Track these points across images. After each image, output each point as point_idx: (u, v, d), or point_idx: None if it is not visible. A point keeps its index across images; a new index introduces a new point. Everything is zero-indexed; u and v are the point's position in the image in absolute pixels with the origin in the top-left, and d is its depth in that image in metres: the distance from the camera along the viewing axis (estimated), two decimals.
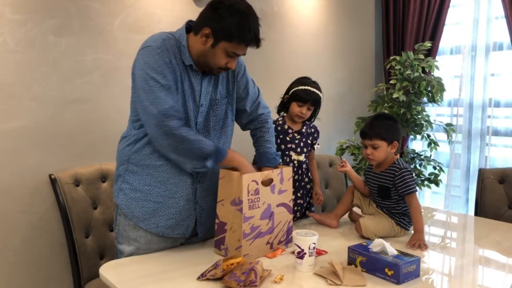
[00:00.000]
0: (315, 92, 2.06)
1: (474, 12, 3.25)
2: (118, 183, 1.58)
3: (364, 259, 1.41)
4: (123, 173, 1.56)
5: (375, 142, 1.76)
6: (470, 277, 1.43)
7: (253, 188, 1.46)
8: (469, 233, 1.97)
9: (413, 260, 1.36)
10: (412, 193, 1.72)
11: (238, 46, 1.45)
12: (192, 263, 1.46)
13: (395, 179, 1.74)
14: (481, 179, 2.38)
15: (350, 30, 3.61)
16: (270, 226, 1.55)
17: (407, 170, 1.74)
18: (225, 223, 1.51)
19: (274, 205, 1.56)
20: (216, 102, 1.59)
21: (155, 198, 1.53)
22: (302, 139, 2.11)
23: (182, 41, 1.50)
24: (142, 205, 1.53)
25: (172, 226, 1.56)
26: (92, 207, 2.08)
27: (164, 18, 2.52)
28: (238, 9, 1.42)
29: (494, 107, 3.21)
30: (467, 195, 3.37)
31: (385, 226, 1.77)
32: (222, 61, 1.48)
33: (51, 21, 2.12)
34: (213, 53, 1.46)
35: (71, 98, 2.21)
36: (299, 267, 1.41)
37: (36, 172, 2.11)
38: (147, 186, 1.53)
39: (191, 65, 1.51)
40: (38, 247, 2.15)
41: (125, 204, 1.54)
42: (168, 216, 1.54)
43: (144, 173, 1.53)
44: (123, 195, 1.55)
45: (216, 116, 1.60)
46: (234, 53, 1.47)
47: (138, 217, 1.53)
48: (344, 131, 3.56)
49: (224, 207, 1.51)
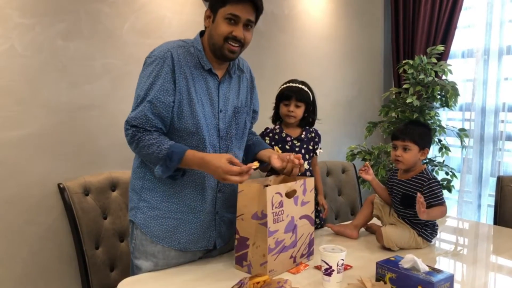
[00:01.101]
0: (297, 87, 1.98)
1: (487, 15, 3.19)
2: (134, 201, 1.52)
3: (394, 276, 1.34)
4: (139, 190, 1.50)
5: (407, 144, 1.71)
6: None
7: (277, 201, 1.40)
8: (496, 245, 1.90)
9: (446, 277, 1.29)
10: (440, 205, 1.68)
11: (235, 6, 1.39)
12: (213, 279, 1.39)
13: (423, 188, 1.69)
14: (500, 186, 2.32)
15: (359, 33, 3.55)
16: (293, 240, 1.49)
17: (436, 180, 1.70)
18: (247, 238, 1.44)
19: (297, 217, 1.50)
20: (238, 110, 1.55)
21: (175, 214, 1.47)
22: (303, 145, 2.02)
23: (198, 45, 1.47)
24: (162, 223, 1.47)
25: (194, 240, 1.50)
26: (102, 217, 2.01)
27: (174, 21, 2.45)
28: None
29: (508, 112, 3.15)
30: (479, 201, 3.31)
31: (406, 236, 1.72)
32: (225, 29, 1.41)
33: (59, 25, 2.05)
34: (215, 26, 1.42)
35: (80, 104, 2.14)
36: (327, 284, 1.34)
37: (44, 181, 2.04)
38: (165, 203, 1.47)
39: (210, 69, 1.47)
40: (46, 259, 2.08)
41: (144, 224, 1.48)
42: (189, 231, 1.49)
43: (160, 189, 1.47)
44: (141, 213, 1.49)
45: (238, 124, 1.55)
46: (233, 16, 1.40)
47: (158, 236, 1.47)
48: (354, 136, 3.50)
49: (245, 221, 1.44)
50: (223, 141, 1.51)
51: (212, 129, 1.48)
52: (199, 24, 2.54)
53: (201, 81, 1.46)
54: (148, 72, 1.42)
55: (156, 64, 1.41)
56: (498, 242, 1.91)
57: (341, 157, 3.25)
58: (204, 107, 1.46)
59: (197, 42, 1.48)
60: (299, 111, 1.98)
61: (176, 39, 1.53)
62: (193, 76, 1.45)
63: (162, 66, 1.40)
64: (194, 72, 1.45)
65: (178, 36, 2.27)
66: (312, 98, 2.04)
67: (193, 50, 1.47)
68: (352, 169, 2.76)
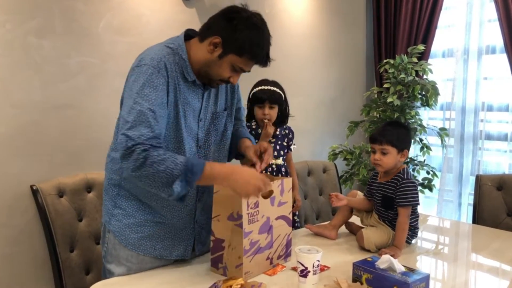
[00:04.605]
0: (270, 89, 2.03)
1: (466, 15, 3.22)
2: (108, 206, 1.46)
3: (370, 276, 1.33)
4: (114, 197, 1.44)
5: (384, 147, 1.69)
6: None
7: (253, 201, 1.38)
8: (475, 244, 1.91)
9: (422, 277, 1.29)
10: (406, 206, 1.66)
11: (247, 62, 1.37)
12: (188, 282, 1.36)
13: (397, 187, 1.68)
14: (478, 185, 2.33)
15: (342, 32, 3.55)
16: (269, 241, 1.46)
17: (411, 181, 1.68)
18: (222, 240, 1.41)
19: (273, 218, 1.48)
20: (217, 115, 1.50)
21: (151, 223, 1.43)
22: (278, 142, 2.08)
23: (182, 53, 1.37)
24: (137, 231, 1.42)
25: (170, 247, 1.46)
26: (77, 219, 1.96)
27: (153, 20, 2.41)
28: (255, 23, 1.34)
29: (487, 111, 3.18)
30: (460, 200, 3.34)
31: (387, 238, 1.71)
32: (226, 74, 1.38)
33: (32, 22, 2.00)
34: (218, 64, 1.36)
35: (55, 104, 2.09)
36: (303, 285, 1.32)
37: (17, 182, 1.98)
38: (141, 211, 1.42)
39: (194, 80, 1.40)
40: (18, 262, 2.02)
41: (118, 231, 1.43)
42: (165, 239, 1.45)
43: (136, 198, 1.42)
44: (116, 221, 1.43)
45: (217, 130, 1.51)
46: (240, 69, 1.38)
47: (133, 244, 1.42)
48: (337, 135, 3.49)
49: (221, 222, 1.41)
50: (202, 149, 1.47)
51: (192, 139, 1.43)
52: (179, 23, 2.52)
53: (186, 92, 1.39)
54: (142, 81, 1.29)
55: (150, 74, 1.29)
56: (477, 241, 1.92)
57: (323, 157, 3.25)
58: (187, 118, 1.40)
59: (181, 50, 1.37)
60: (273, 112, 2.04)
61: (155, 37, 1.47)
62: (180, 87, 1.37)
63: (157, 77, 1.30)
64: (181, 83, 1.38)
65: (157, 35, 2.25)
66: (284, 98, 2.09)
67: (178, 59, 1.37)
68: (333, 168, 2.75)
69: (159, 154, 1.23)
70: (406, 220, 1.66)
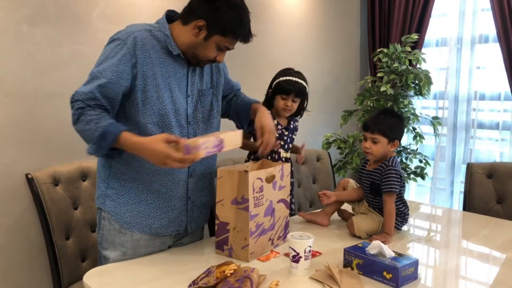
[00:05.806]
0: (298, 82, 1.96)
1: (460, 4, 3.23)
2: (101, 188, 1.49)
3: (361, 262, 1.36)
4: (106, 178, 1.47)
5: (375, 136, 1.71)
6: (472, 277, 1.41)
7: (258, 186, 1.45)
8: (465, 230, 1.94)
9: (411, 262, 1.32)
10: (390, 193, 1.69)
11: (232, 41, 1.44)
12: (182, 269, 1.39)
13: (382, 175, 1.71)
14: (469, 173, 2.37)
15: (336, 21, 3.54)
16: (271, 223, 1.55)
17: (394, 169, 1.70)
18: (227, 223, 1.47)
19: (275, 201, 1.56)
20: (203, 93, 1.55)
21: (145, 200, 1.46)
22: (289, 135, 2.03)
23: (165, 31, 1.45)
24: (133, 209, 1.46)
25: (165, 225, 1.51)
26: (73, 208, 1.97)
27: (145, 8, 2.40)
28: (236, 3, 1.41)
29: (479, 100, 3.21)
30: (452, 188, 3.38)
31: (377, 225, 1.74)
32: (213, 54, 1.46)
33: (24, 10, 1.98)
34: (204, 46, 1.43)
35: (48, 92, 2.08)
36: (294, 271, 1.35)
37: (11, 171, 1.99)
38: (134, 189, 1.46)
39: (178, 54, 1.45)
40: (14, 251, 2.03)
41: (114, 211, 1.46)
42: (161, 216, 1.49)
43: (128, 176, 1.45)
44: (110, 201, 1.46)
45: (204, 107, 1.55)
46: (226, 47, 1.46)
47: (129, 222, 1.46)
48: (330, 124, 3.51)
49: (224, 207, 1.47)
50: (191, 126, 1.51)
51: (181, 114, 1.47)
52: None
53: (169, 66, 1.45)
54: (107, 53, 1.38)
55: (115, 45, 1.38)
56: (467, 228, 1.96)
57: (317, 146, 3.26)
58: (172, 92, 1.45)
59: (164, 27, 1.45)
60: (295, 105, 1.97)
61: None
62: (160, 60, 1.43)
63: (121, 48, 1.37)
64: (162, 57, 1.43)
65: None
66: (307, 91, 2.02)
67: (160, 35, 1.44)
68: (327, 157, 2.77)
69: (91, 114, 1.32)
70: (393, 206, 1.69)
